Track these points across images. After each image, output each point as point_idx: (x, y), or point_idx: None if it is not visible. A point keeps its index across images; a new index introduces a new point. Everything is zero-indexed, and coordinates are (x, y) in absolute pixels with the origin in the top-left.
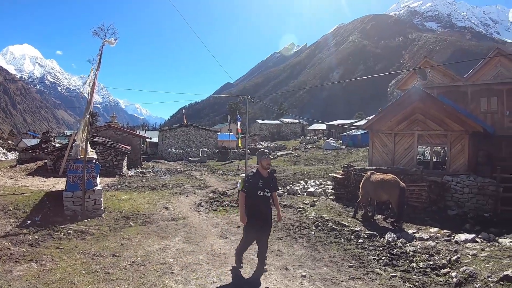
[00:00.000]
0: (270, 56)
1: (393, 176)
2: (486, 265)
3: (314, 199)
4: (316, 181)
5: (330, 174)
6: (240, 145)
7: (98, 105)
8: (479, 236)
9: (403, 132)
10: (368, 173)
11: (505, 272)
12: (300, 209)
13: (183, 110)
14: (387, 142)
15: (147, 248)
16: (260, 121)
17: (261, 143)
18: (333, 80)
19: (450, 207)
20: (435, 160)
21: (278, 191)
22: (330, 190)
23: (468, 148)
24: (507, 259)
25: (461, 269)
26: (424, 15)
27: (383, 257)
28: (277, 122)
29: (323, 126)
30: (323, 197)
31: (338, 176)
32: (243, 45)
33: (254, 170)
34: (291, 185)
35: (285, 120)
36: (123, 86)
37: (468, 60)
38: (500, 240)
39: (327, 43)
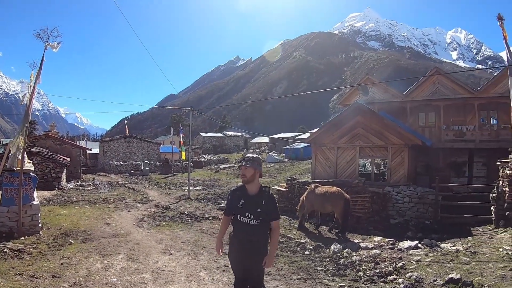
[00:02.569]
0: (215, 69)
1: (338, 188)
2: (431, 270)
3: None
4: None
5: (273, 187)
6: (183, 157)
7: (37, 113)
8: (422, 242)
9: (346, 145)
10: (313, 185)
11: (450, 275)
12: None
13: (126, 121)
14: (330, 156)
15: (88, 267)
16: (203, 134)
17: (204, 156)
18: (277, 94)
19: (392, 216)
20: (375, 172)
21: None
22: None
23: (408, 160)
24: (450, 262)
25: (407, 275)
26: (367, 34)
27: (330, 268)
28: (220, 135)
29: (266, 139)
30: None
31: (281, 189)
32: (188, 56)
33: (240, 184)
34: None
35: (228, 133)
36: (64, 94)
37: (408, 78)
38: (442, 245)
39: (272, 57)
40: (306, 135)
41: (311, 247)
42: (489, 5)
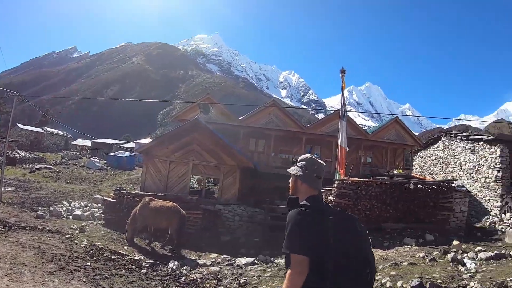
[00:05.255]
0: (48, 55)
1: (173, 203)
2: (273, 284)
3: (83, 224)
4: (81, 203)
5: (95, 196)
6: None
7: None
8: (257, 259)
9: (179, 160)
10: (147, 199)
11: None
12: (69, 236)
13: None
14: (162, 169)
15: None
16: (21, 126)
17: (19, 151)
18: (107, 96)
19: (223, 233)
20: (198, 189)
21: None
22: (98, 214)
23: (239, 181)
24: None
25: None
26: (209, 57)
27: (173, 287)
28: (39, 130)
29: (88, 143)
30: (92, 221)
31: (109, 199)
32: (19, 34)
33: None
34: (54, 205)
35: (49, 129)
36: None
37: (248, 105)
38: (276, 261)
39: (111, 57)
40: (131, 144)
41: (147, 265)
42: (322, 57)
